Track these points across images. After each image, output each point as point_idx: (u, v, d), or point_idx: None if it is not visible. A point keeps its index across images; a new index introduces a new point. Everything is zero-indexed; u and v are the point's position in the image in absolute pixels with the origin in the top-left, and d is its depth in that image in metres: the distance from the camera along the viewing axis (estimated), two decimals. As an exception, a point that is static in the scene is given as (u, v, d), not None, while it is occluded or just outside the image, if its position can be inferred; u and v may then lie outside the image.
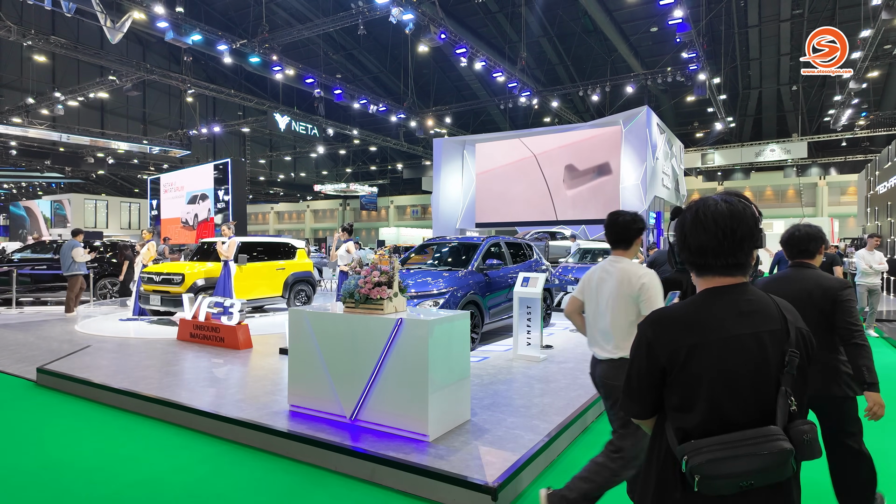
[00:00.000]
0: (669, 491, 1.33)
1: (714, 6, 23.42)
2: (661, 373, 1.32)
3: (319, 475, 3.59)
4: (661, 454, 1.35)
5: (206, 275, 9.16)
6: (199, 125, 30.66)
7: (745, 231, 1.33)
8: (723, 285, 1.36)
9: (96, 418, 4.75)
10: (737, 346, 1.29)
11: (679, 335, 1.31)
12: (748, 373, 1.28)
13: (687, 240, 1.38)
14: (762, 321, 1.32)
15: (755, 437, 1.24)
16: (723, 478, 1.22)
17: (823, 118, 29.94)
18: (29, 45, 18.52)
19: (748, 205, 1.36)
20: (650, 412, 1.40)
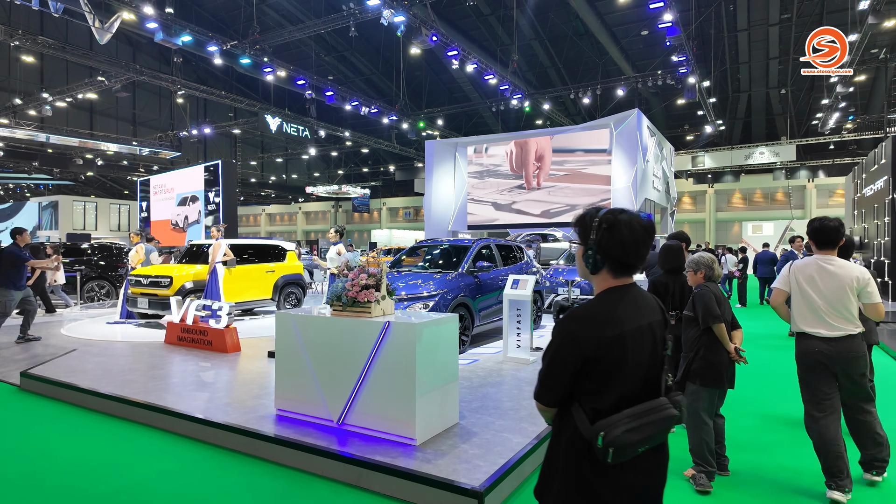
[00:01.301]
0: (580, 467, 1.51)
1: (704, 10, 23.62)
2: (583, 363, 1.49)
3: (306, 480, 3.56)
4: (568, 437, 1.53)
5: (195, 277, 9.08)
6: (189, 126, 30.47)
7: (651, 242, 1.58)
8: (623, 284, 1.58)
9: (80, 423, 4.69)
10: (641, 335, 1.54)
11: (602, 329, 1.50)
12: (647, 356, 1.55)
13: (625, 244, 1.54)
14: (651, 313, 1.60)
15: (653, 408, 1.50)
16: (631, 445, 1.44)
17: (812, 121, 30.25)
18: (16, 45, 18.31)
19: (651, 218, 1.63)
20: (560, 401, 1.57)
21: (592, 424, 1.47)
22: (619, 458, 1.42)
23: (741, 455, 3.95)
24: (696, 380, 3.49)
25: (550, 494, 1.58)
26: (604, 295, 1.57)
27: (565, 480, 1.53)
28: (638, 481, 1.54)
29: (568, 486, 1.53)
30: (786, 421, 4.79)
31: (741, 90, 31.63)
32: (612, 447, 1.41)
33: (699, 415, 3.47)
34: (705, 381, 3.47)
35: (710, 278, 3.63)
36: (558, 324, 1.57)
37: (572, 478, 1.52)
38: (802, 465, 3.82)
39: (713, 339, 3.48)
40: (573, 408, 1.53)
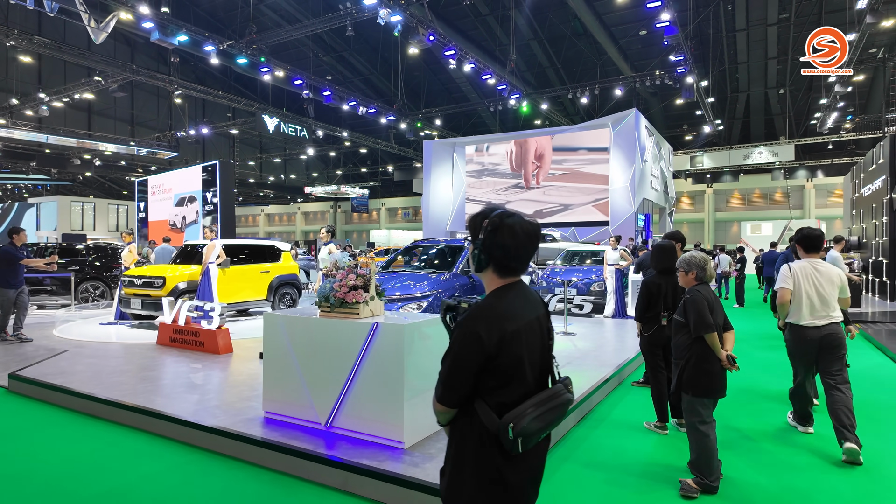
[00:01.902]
0: (491, 461, 1.56)
1: (702, 10, 23.57)
2: (486, 360, 1.53)
3: (292, 484, 3.51)
4: (474, 434, 1.57)
5: (189, 278, 9.03)
6: (187, 127, 30.41)
7: (538, 243, 1.68)
8: (511, 282, 1.66)
9: (67, 426, 4.64)
10: (533, 328, 1.63)
11: (503, 325, 1.55)
12: (540, 347, 1.65)
13: (506, 247, 1.61)
14: (537, 307, 1.70)
15: (553, 395, 1.60)
16: (537, 433, 1.53)
17: (810, 121, 30.23)
18: (12, 45, 18.25)
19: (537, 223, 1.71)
20: (463, 400, 1.59)
21: (500, 418, 1.52)
22: (527, 446, 1.52)
23: (732, 459, 3.90)
24: (689, 390, 3.40)
25: (463, 492, 1.60)
26: (496, 293, 1.64)
27: (477, 476, 1.57)
28: (535, 463, 1.65)
29: (481, 480, 1.57)
30: (781, 423, 4.74)
31: (740, 90, 31.60)
32: (521, 437, 1.49)
33: (698, 428, 3.37)
34: (698, 390, 3.38)
35: (702, 279, 3.55)
36: (459, 324, 1.59)
37: (484, 472, 1.57)
38: (796, 469, 3.77)
39: (705, 348, 3.38)
40: (477, 405, 1.57)
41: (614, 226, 19.91)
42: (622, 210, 20.00)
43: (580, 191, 22.24)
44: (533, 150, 23.57)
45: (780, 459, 3.93)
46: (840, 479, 3.62)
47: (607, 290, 10.50)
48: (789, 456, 4.00)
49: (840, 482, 3.57)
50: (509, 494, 1.58)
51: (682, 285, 3.67)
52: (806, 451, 4.08)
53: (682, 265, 3.60)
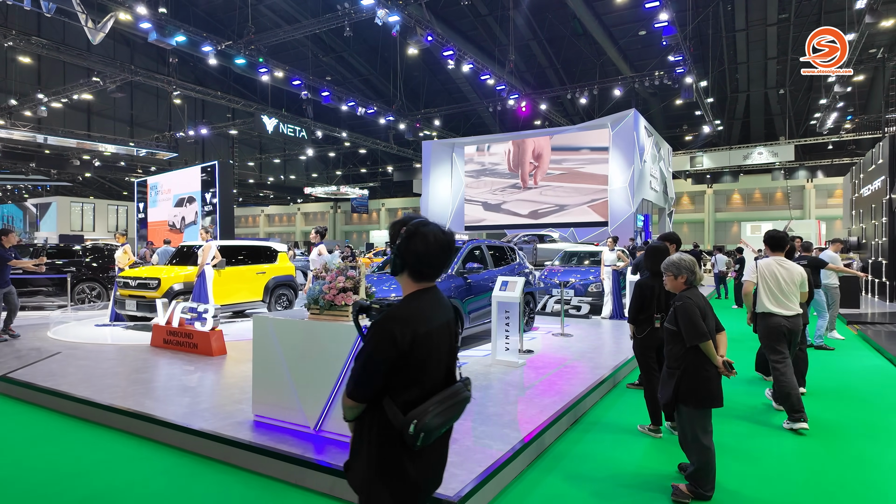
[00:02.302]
0: (394, 456, 1.66)
1: (701, 10, 23.52)
2: (398, 359, 1.63)
3: (280, 489, 3.47)
4: (380, 430, 1.68)
5: (184, 279, 8.99)
6: (186, 127, 30.38)
7: (452, 252, 1.80)
8: (426, 287, 1.77)
9: (55, 429, 4.60)
10: (442, 331, 1.75)
11: (415, 327, 1.66)
12: (446, 349, 1.76)
13: (418, 254, 1.72)
14: (446, 311, 1.83)
15: (453, 394, 1.72)
16: (437, 429, 1.63)
17: (810, 121, 30.17)
18: (10, 45, 18.23)
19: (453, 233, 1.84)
20: (373, 397, 1.68)
21: (404, 415, 1.62)
22: (427, 441, 1.63)
23: (728, 463, 3.86)
24: (689, 402, 3.29)
25: (367, 485, 1.71)
26: (411, 296, 1.76)
27: (379, 468, 1.68)
28: (435, 456, 1.78)
29: (382, 472, 1.68)
30: (775, 424, 4.69)
31: (739, 90, 31.54)
32: (423, 433, 1.60)
33: (699, 440, 3.26)
34: (699, 402, 3.27)
35: (692, 283, 3.45)
36: (374, 324, 1.68)
37: (385, 465, 1.67)
38: (792, 471, 3.72)
39: (700, 357, 3.27)
40: (384, 401, 1.66)
41: (613, 226, 19.87)
42: (621, 210, 19.96)
43: (579, 191, 22.19)
44: (531, 150, 23.52)
45: (775, 466, 3.89)
46: (838, 482, 3.58)
47: (605, 291, 10.46)
48: (784, 462, 3.96)
49: (837, 488, 3.53)
50: (409, 487, 1.70)
51: (671, 290, 3.52)
52: (802, 456, 4.04)
53: (671, 269, 3.45)
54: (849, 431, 4.57)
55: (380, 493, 1.69)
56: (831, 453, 4.09)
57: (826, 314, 8.25)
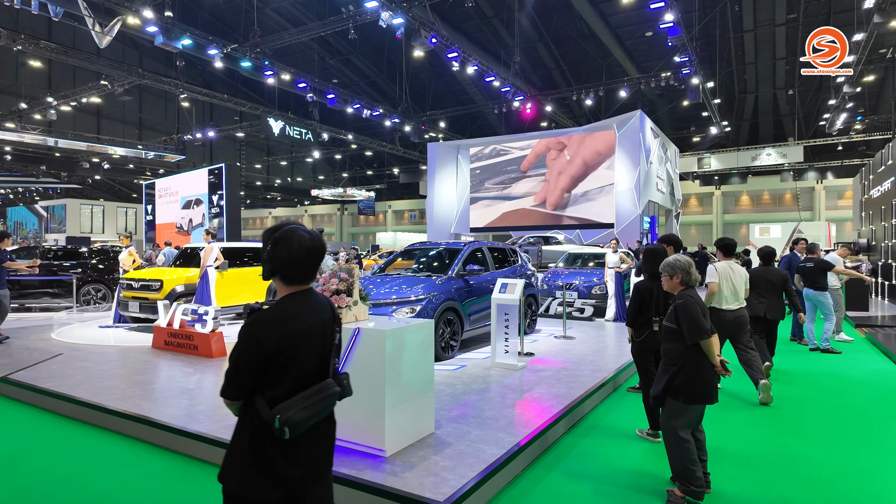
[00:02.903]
0: (263, 447, 1.75)
1: (709, 11, 23.37)
2: (265, 359, 1.73)
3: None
4: (252, 423, 1.76)
5: (186, 281, 9.02)
6: (193, 130, 30.59)
7: (322, 256, 1.89)
8: (300, 290, 1.88)
9: (52, 430, 4.61)
10: (313, 331, 1.85)
11: (281, 329, 1.76)
12: (319, 348, 1.87)
13: (284, 259, 1.82)
14: (323, 312, 1.91)
15: (320, 389, 1.82)
16: (303, 422, 1.73)
17: (819, 122, 29.86)
18: (20, 49, 18.44)
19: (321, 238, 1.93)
20: (245, 394, 1.77)
21: (271, 409, 1.71)
22: (294, 433, 1.71)
23: (726, 468, 3.79)
24: (679, 396, 3.28)
25: (234, 475, 1.77)
26: (283, 299, 1.86)
27: (249, 460, 1.75)
28: (311, 450, 1.85)
29: (252, 464, 1.75)
30: (777, 428, 4.62)
31: (748, 91, 31.29)
32: (287, 426, 1.69)
33: (677, 433, 3.27)
34: (691, 397, 3.26)
35: (687, 283, 3.45)
36: (242, 327, 1.78)
37: (256, 457, 1.75)
38: (792, 477, 3.65)
39: (700, 354, 3.28)
40: (256, 397, 1.76)
41: (619, 228, 19.75)
42: (627, 212, 19.84)
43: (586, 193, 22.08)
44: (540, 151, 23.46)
45: (770, 470, 3.82)
46: (837, 488, 3.51)
47: (608, 293, 10.38)
48: (780, 469, 3.89)
49: (836, 495, 3.46)
50: (278, 479, 1.77)
51: (668, 290, 3.55)
52: (802, 460, 3.97)
53: (667, 269, 3.49)
54: (850, 435, 4.49)
55: (251, 485, 1.75)
56: (832, 458, 4.02)
57: (832, 317, 8.13)
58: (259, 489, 1.75)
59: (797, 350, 8.26)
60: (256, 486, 1.75)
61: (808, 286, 8.11)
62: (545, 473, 3.73)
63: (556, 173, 22.33)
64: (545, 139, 23.40)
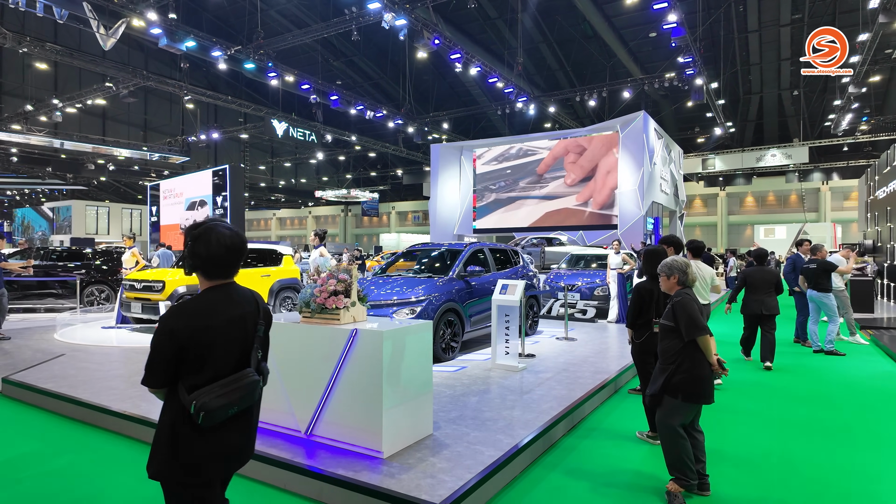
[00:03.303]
0: (182, 431, 1.83)
1: (713, 11, 23.30)
2: (180, 350, 1.80)
3: (269, 494, 3.44)
4: (174, 409, 1.85)
5: (188, 282, 9.04)
6: (198, 131, 30.71)
7: (243, 252, 1.98)
8: (221, 284, 1.96)
9: (54, 431, 4.62)
10: (233, 323, 1.92)
11: (196, 321, 1.84)
12: (239, 339, 1.93)
13: (203, 256, 1.90)
14: (246, 305, 1.99)
15: (238, 378, 1.88)
16: (220, 409, 1.79)
17: (825, 123, 29.70)
18: (25, 52, 18.56)
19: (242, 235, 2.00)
20: (166, 383, 1.85)
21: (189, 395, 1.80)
22: (210, 420, 1.78)
23: (725, 469, 3.76)
24: (677, 394, 3.30)
25: (156, 459, 1.85)
26: (202, 293, 1.94)
27: (169, 446, 1.83)
28: (233, 439, 1.93)
29: (172, 450, 1.83)
30: (776, 431, 4.58)
31: (752, 92, 31.17)
32: (203, 412, 1.75)
33: (675, 429, 3.30)
34: (689, 396, 3.28)
35: (684, 284, 3.45)
36: (159, 319, 1.86)
37: (175, 443, 1.83)
38: (792, 480, 3.62)
39: (697, 352, 3.29)
40: (178, 385, 1.84)
41: (622, 229, 19.69)
42: (631, 213, 19.77)
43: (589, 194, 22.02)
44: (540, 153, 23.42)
45: (769, 473, 3.79)
46: (836, 492, 3.47)
47: (611, 294, 10.34)
48: (780, 471, 3.86)
49: (835, 496, 3.42)
50: (197, 465, 1.85)
51: (665, 290, 3.58)
52: (802, 462, 3.93)
53: (664, 270, 3.52)
54: (853, 438, 4.45)
55: (171, 468, 1.84)
56: (833, 460, 3.98)
57: (837, 319, 8.07)
58: (179, 473, 1.84)
59: (801, 352, 8.20)
60: (175, 470, 1.83)
61: (812, 287, 8.06)
62: (544, 474, 3.71)
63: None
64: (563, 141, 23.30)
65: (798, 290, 8.58)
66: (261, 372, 1.99)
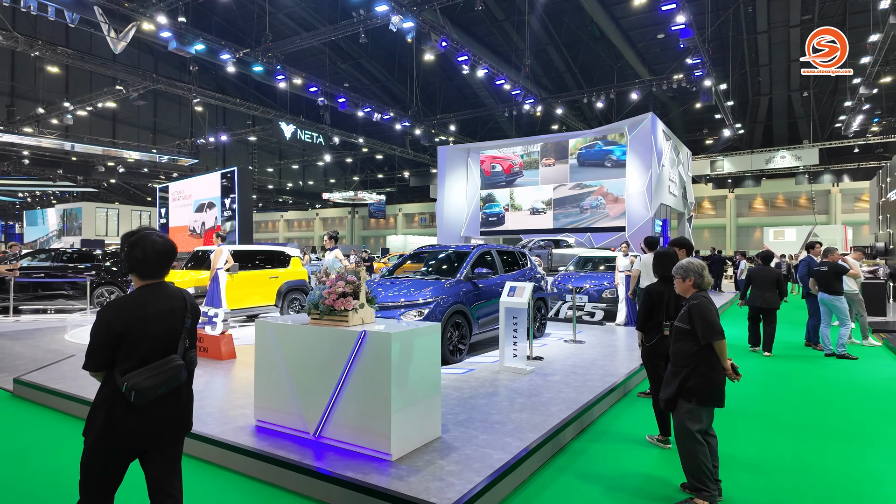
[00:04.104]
0: (116, 411, 2.13)
1: (721, 13, 23.17)
2: (115, 339, 2.12)
3: (277, 496, 3.44)
4: (110, 391, 2.15)
5: (197, 283, 9.09)
6: (206, 134, 30.91)
7: (173, 256, 2.32)
8: (153, 283, 2.28)
9: (64, 431, 4.65)
10: (162, 316, 2.23)
11: (128, 314, 2.16)
12: (166, 329, 2.24)
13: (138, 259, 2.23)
14: (174, 301, 2.30)
15: (165, 362, 2.19)
16: (150, 389, 2.11)
17: (835, 124, 29.45)
18: (37, 55, 18.77)
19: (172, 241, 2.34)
20: (103, 367, 2.17)
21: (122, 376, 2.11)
22: (142, 398, 2.10)
23: (737, 475, 3.72)
24: (691, 398, 3.25)
25: (91, 433, 2.15)
26: (137, 290, 2.26)
27: (104, 421, 2.13)
28: (163, 415, 2.23)
29: (105, 424, 2.12)
30: (790, 436, 4.53)
31: (761, 93, 30.95)
32: (134, 391, 2.07)
33: (693, 435, 3.23)
34: (703, 399, 3.24)
35: (700, 286, 3.42)
36: (97, 312, 2.14)
37: (109, 416, 2.13)
38: (806, 486, 3.57)
39: (712, 356, 3.26)
40: (114, 369, 2.15)
41: (631, 231, 19.59)
42: (639, 216, 19.67)
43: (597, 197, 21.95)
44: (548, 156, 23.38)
45: (782, 478, 3.74)
46: (849, 498, 3.42)
47: (619, 297, 10.28)
48: (792, 476, 3.81)
49: (848, 502, 3.38)
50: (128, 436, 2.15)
51: (680, 293, 3.54)
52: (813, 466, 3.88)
53: (679, 272, 3.48)
54: (866, 443, 4.39)
55: (104, 438, 2.12)
56: (846, 466, 3.93)
57: (848, 322, 7.98)
58: (110, 442, 2.14)
59: (812, 355, 8.12)
60: (108, 440, 2.13)
61: (823, 290, 7.98)
62: (554, 478, 3.68)
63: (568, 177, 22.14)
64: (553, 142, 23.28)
65: (810, 293, 8.50)
66: (187, 359, 2.28)
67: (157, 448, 2.25)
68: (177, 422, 2.30)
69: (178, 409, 2.30)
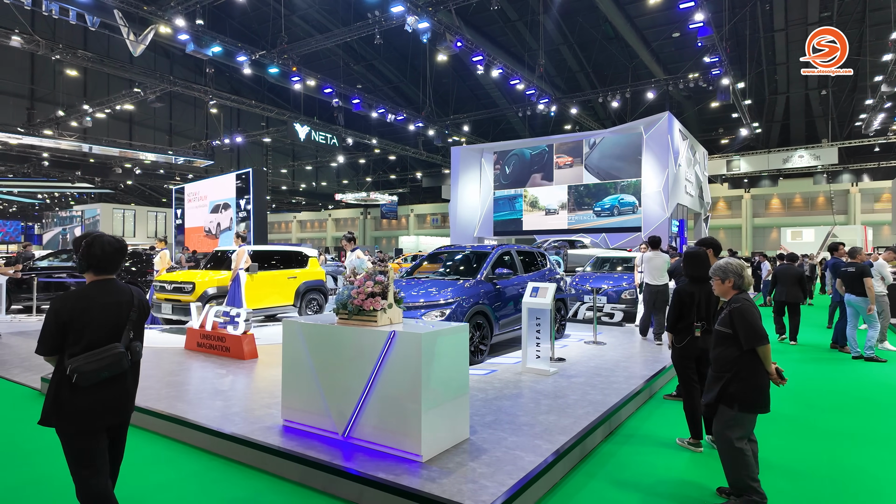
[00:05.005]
0: (64, 392, 2.40)
1: (738, 10, 22.90)
2: (63, 326, 2.40)
3: (308, 495, 3.43)
4: (61, 371, 2.42)
5: (218, 283, 9.14)
6: (222, 136, 31.17)
7: (125, 253, 2.62)
8: (103, 279, 2.55)
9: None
10: (108, 308, 2.50)
11: (76, 304, 2.43)
12: (111, 320, 2.50)
13: (96, 257, 2.50)
14: (122, 296, 2.56)
15: (106, 349, 2.43)
16: (90, 373, 2.37)
17: (855, 123, 28.98)
18: (57, 58, 19.04)
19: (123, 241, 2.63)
20: (54, 351, 2.44)
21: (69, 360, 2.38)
22: (85, 381, 2.36)
23: (774, 480, 3.65)
24: (734, 405, 3.15)
25: (45, 410, 2.41)
26: (88, 285, 2.53)
27: (55, 400, 2.40)
28: (107, 397, 2.48)
29: (56, 403, 2.40)
30: (826, 441, 4.43)
31: (779, 92, 30.55)
32: (77, 374, 2.34)
33: (734, 444, 3.14)
34: (746, 405, 3.13)
35: (740, 287, 3.32)
36: (50, 301, 2.48)
37: (60, 397, 2.40)
38: (846, 492, 3.49)
39: (756, 360, 3.14)
40: (64, 355, 2.42)
41: (647, 231, 19.42)
42: (655, 216, 19.50)
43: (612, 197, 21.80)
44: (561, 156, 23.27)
45: (821, 484, 3.66)
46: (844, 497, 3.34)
47: (638, 298, 10.17)
48: (831, 482, 3.72)
49: None
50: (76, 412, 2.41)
51: (719, 294, 3.43)
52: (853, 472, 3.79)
53: (718, 273, 3.36)
54: None
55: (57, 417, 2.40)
56: (887, 472, 3.83)
57: (877, 324, 7.82)
58: (63, 421, 2.39)
59: (839, 358, 7.97)
60: (61, 419, 2.39)
61: (850, 292, 7.83)
62: (585, 482, 3.63)
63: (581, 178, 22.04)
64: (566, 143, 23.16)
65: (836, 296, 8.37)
66: (131, 348, 2.52)
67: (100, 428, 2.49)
68: (119, 404, 2.54)
69: (122, 393, 2.55)
